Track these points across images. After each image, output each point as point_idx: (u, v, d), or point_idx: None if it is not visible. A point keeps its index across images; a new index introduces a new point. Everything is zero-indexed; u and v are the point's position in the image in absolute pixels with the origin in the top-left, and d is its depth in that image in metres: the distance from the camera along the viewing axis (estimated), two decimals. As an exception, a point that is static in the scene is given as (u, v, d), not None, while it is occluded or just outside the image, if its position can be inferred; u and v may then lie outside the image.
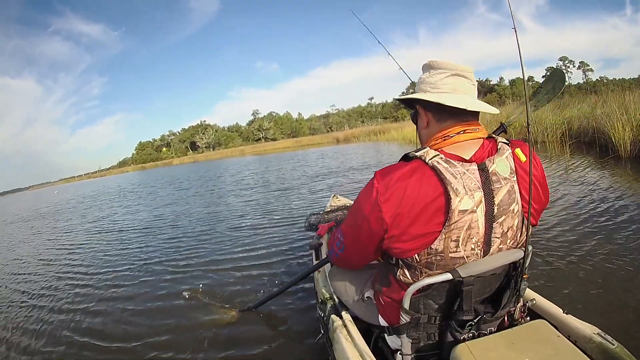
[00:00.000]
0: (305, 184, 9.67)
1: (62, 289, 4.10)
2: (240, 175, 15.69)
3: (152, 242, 5.59)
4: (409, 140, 20.06)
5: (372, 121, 60.49)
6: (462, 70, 1.18)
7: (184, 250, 4.87)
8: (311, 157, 20.59)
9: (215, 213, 7.28)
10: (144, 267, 4.37)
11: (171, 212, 8.25)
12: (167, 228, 6.54)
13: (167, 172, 31.96)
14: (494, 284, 1.25)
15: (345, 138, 38.03)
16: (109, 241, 6.28)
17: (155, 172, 40.14)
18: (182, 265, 4.23)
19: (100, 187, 27.79)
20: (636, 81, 37.49)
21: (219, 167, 27.02)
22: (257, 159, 29.92)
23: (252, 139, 74.86)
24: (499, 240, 1.14)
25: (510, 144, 1.18)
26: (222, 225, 6.06)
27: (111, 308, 3.36)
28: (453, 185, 1.06)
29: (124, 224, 7.77)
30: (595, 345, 1.25)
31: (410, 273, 1.19)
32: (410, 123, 28.39)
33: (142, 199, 13.00)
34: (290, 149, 42.69)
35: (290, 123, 76.62)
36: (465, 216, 1.07)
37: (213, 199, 9.64)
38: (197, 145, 77.53)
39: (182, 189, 13.82)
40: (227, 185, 12.35)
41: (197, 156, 67.43)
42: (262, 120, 77.36)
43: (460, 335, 1.23)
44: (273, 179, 11.76)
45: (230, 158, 44.58)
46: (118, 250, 5.45)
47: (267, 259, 4.00)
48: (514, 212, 1.13)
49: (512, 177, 1.12)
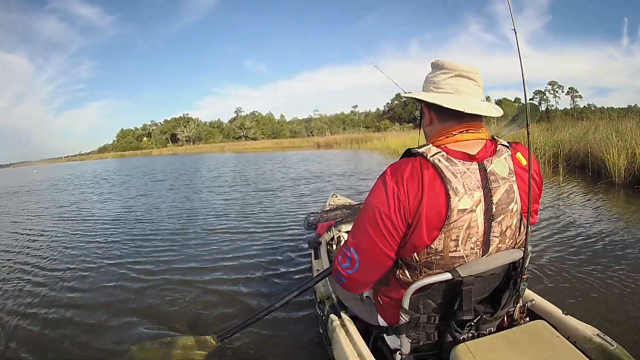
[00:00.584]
0: (289, 186, 9.31)
1: (11, 282, 3.73)
2: (219, 172, 15.46)
3: (116, 239, 5.10)
4: (393, 151, 20.18)
5: (354, 129, 61.00)
6: (466, 71, 1.19)
7: (150, 252, 4.39)
8: (292, 160, 20.41)
9: (190, 211, 6.85)
10: (104, 268, 3.90)
11: (141, 205, 7.89)
12: (135, 223, 6.08)
13: (145, 162, 31.37)
14: (494, 284, 1.27)
15: (326, 143, 37.93)
16: (72, 232, 5.82)
17: (134, 160, 39.51)
18: (146, 270, 3.76)
19: (77, 171, 27.07)
20: (624, 111, 38.61)
21: (198, 161, 26.70)
22: (237, 157, 29.79)
23: (232, 136, 75.42)
24: (497, 239, 1.16)
25: (511, 147, 1.21)
26: (195, 225, 5.58)
27: (59, 316, 2.90)
28: (453, 184, 1.07)
29: (91, 214, 7.37)
30: (595, 346, 1.26)
31: (410, 272, 1.20)
32: (392, 134, 28.53)
33: (114, 187, 12.66)
34: (270, 149, 42.79)
35: (272, 124, 77.76)
36: (465, 215, 1.09)
37: (189, 193, 9.35)
38: (178, 138, 77.70)
39: (157, 181, 13.50)
40: (204, 181, 12.00)
41: (176, 149, 67.74)
42: (245, 119, 78.09)
43: (459, 336, 1.23)
44: (253, 179, 11.53)
45: (209, 153, 44.19)
46: (79, 244, 4.97)
47: (247, 271, 3.57)
48: (513, 211, 1.15)
49: (511, 177, 1.14)
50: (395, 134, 30.81)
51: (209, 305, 2.85)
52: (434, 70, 1.24)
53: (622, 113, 19.01)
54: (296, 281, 3.16)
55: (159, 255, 4.17)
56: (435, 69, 1.23)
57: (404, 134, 27.65)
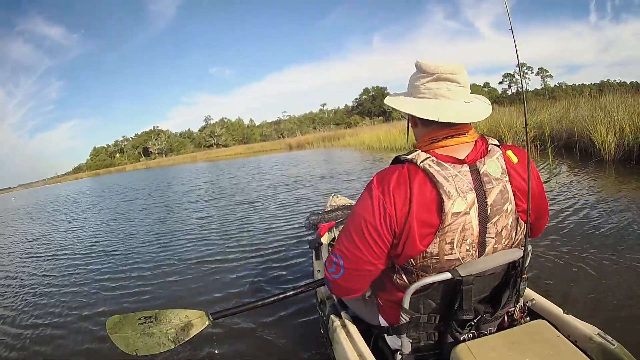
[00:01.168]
0: (270, 195, 8.76)
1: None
2: (192, 185, 14.96)
3: (87, 280, 4.42)
4: (368, 146, 20.06)
5: (325, 127, 60.73)
6: (445, 73, 1.15)
7: (121, 295, 3.76)
8: (266, 164, 20.14)
9: (165, 237, 6.10)
10: (75, 325, 3.24)
11: (113, 233, 7.23)
12: (106, 257, 5.38)
13: (118, 180, 30.69)
14: (494, 284, 1.27)
15: (298, 144, 38.09)
16: (40, 273, 5.16)
17: (107, 178, 38.92)
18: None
19: (52, 195, 26.34)
20: (597, 86, 39.45)
21: (171, 174, 26.33)
22: (210, 166, 29.53)
23: (204, 145, 75.48)
24: (493, 240, 1.16)
25: (502, 146, 1.21)
26: (172, 255, 4.89)
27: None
28: (445, 188, 1.08)
29: (61, 247, 6.71)
30: (595, 346, 1.26)
31: (407, 277, 1.21)
32: (364, 129, 28.36)
33: (85, 212, 12.11)
34: (242, 155, 42.84)
35: (242, 129, 78.14)
36: (459, 218, 1.09)
37: (162, 213, 8.73)
38: (150, 151, 77.20)
39: (129, 200, 12.99)
40: (177, 198, 11.39)
41: (149, 162, 67.73)
42: (214, 126, 78.05)
43: (460, 335, 1.23)
44: (229, 190, 10.96)
45: (182, 164, 43.95)
46: (47, 290, 4.27)
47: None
48: (507, 211, 1.15)
49: (504, 177, 1.15)
50: (367, 129, 30.97)
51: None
52: (416, 73, 1.22)
53: (595, 88, 19.31)
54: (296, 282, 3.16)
55: (129, 301, 3.56)
56: (417, 72, 1.21)
57: (376, 128, 27.73)
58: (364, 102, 70.35)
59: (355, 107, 72.71)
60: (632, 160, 6.50)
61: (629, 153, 6.65)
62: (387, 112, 58.72)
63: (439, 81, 1.17)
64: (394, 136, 17.59)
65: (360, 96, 72.38)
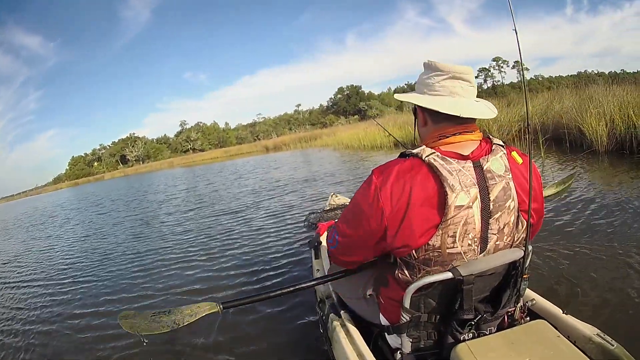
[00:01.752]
0: (255, 203, 8.08)
1: None
2: (169, 193, 14.30)
3: (42, 316, 3.82)
4: (347, 145, 19.72)
5: (300, 128, 60.41)
6: (460, 72, 1.23)
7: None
8: (245, 168, 19.69)
9: (141, 256, 5.45)
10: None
11: (86, 252, 6.55)
12: (78, 285, 4.67)
13: (96, 189, 29.95)
14: (495, 283, 1.30)
15: (275, 146, 38.65)
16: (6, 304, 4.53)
17: (86, 188, 38.00)
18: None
19: (30, 208, 25.39)
20: (574, 77, 40.17)
21: (148, 181, 25.70)
22: (187, 171, 28.98)
23: (180, 150, 74.97)
24: (495, 236, 1.20)
25: (507, 147, 1.25)
26: (150, 279, 4.33)
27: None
28: (449, 182, 1.11)
29: (32, 271, 6.00)
30: (595, 346, 1.29)
31: (408, 271, 1.24)
32: (341, 128, 28.08)
33: (60, 227, 11.16)
34: (219, 159, 42.50)
35: (217, 133, 78.25)
36: (462, 212, 1.13)
37: (139, 228, 7.99)
38: (127, 159, 76.44)
39: (105, 213, 12.26)
40: (154, 208, 10.71)
41: (127, 170, 67.13)
42: (190, 131, 77.81)
43: (460, 335, 1.26)
44: (209, 199, 10.32)
45: (159, 171, 43.49)
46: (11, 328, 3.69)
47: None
48: (510, 208, 1.19)
49: (507, 175, 1.18)
50: (344, 128, 31.12)
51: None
52: (427, 72, 1.28)
53: (573, 80, 19.56)
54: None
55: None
56: (429, 71, 1.27)
57: (354, 127, 27.72)
58: (339, 102, 70.47)
59: (330, 107, 72.79)
60: (625, 150, 6.51)
61: (621, 143, 6.65)
62: (363, 111, 58.98)
63: (454, 79, 1.23)
64: (373, 135, 17.31)
65: (335, 95, 72.50)
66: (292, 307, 2.84)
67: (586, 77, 36.45)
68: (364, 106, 62.09)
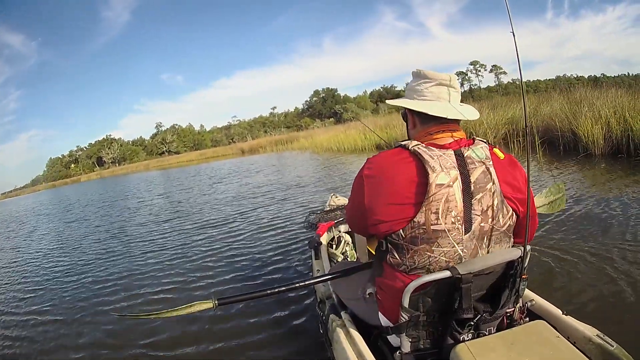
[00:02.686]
0: (237, 214, 7.02)
1: None
2: (143, 200, 12.88)
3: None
4: (327, 149, 19.58)
5: (275, 131, 59.75)
6: (445, 80, 1.36)
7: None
8: (221, 172, 18.79)
9: (110, 283, 4.39)
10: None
11: (51, 273, 5.41)
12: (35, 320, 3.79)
13: (70, 192, 28.66)
14: (493, 283, 1.33)
15: (250, 149, 38.36)
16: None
17: (61, 191, 36.29)
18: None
19: (4, 212, 23.88)
20: (553, 82, 40.80)
21: (122, 184, 24.83)
22: (162, 174, 28.43)
23: (156, 152, 74.16)
24: (479, 217, 1.27)
25: (489, 144, 1.35)
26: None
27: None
28: (430, 164, 1.23)
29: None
30: (595, 347, 1.30)
31: (398, 253, 1.32)
32: (318, 131, 27.58)
33: (27, 238, 9.78)
34: (195, 161, 41.88)
35: (192, 135, 78.20)
36: (442, 189, 1.22)
37: (110, 242, 6.72)
38: (104, 161, 75.42)
39: (73, 222, 10.94)
40: (127, 218, 9.36)
41: (103, 172, 65.61)
42: (166, 133, 77.11)
43: (459, 335, 1.29)
44: (186, 207, 9.19)
45: (135, 173, 42.33)
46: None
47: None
48: (491, 191, 1.27)
49: (488, 162, 1.28)
50: (320, 131, 30.78)
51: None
52: (416, 80, 1.41)
53: (551, 84, 19.82)
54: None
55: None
56: (417, 79, 1.41)
57: (332, 129, 27.25)
58: (315, 104, 70.61)
59: (306, 110, 72.81)
60: (623, 153, 6.51)
61: (617, 146, 6.65)
62: (338, 114, 59.06)
63: (441, 86, 1.36)
64: (354, 137, 17.03)
65: (311, 98, 72.77)
66: (292, 308, 2.87)
67: (565, 81, 37.31)
68: (339, 109, 62.52)
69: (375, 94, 70.32)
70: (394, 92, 66.49)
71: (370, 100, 69.11)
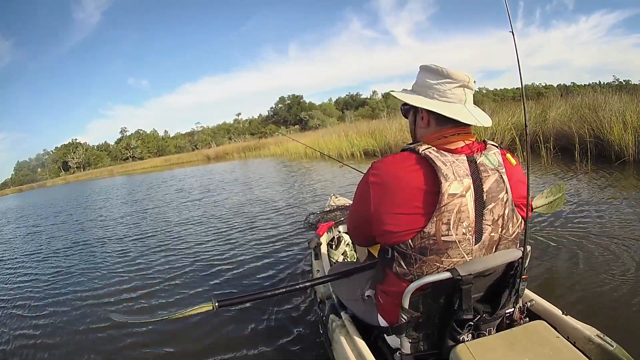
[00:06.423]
0: (217, 236, 5.60)
1: None
2: (108, 211, 11.61)
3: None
4: (303, 155, 18.68)
5: (240, 138, 58.56)
6: (470, 82, 1.32)
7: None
8: (188, 182, 16.47)
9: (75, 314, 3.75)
10: None
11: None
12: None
13: (34, 198, 26.62)
14: (494, 283, 1.35)
15: (216, 155, 38.52)
16: None
17: (26, 196, 34.40)
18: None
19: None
20: (519, 90, 41.65)
21: (86, 190, 23.52)
22: (127, 180, 27.42)
23: (120, 158, 72.09)
24: (490, 227, 1.26)
25: (501, 149, 1.36)
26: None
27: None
28: (443, 171, 1.19)
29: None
30: (594, 347, 1.32)
31: (405, 262, 1.29)
32: (287, 139, 26.18)
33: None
34: (160, 168, 41.03)
35: (156, 141, 76.43)
36: (455, 199, 1.19)
37: (73, 260, 5.70)
38: (69, 165, 72.22)
39: (35, 233, 9.61)
40: (92, 231, 8.15)
41: (68, 177, 63.27)
42: (130, 139, 74.54)
43: (459, 336, 1.31)
44: (152, 222, 7.86)
45: (99, 179, 41.40)
46: None
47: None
48: (503, 200, 1.26)
49: (501, 169, 1.27)
50: (288, 139, 29.04)
51: None
52: (437, 77, 1.33)
53: (517, 92, 19.87)
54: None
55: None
56: (439, 77, 1.33)
57: (306, 136, 25.92)
58: (280, 111, 69.60)
59: (271, 116, 71.62)
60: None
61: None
62: (304, 121, 58.21)
63: (465, 88, 1.31)
64: (334, 142, 16.31)
65: (276, 105, 71.61)
66: (292, 308, 2.91)
67: (533, 89, 38.51)
68: (305, 116, 61.61)
69: (341, 102, 70.18)
70: (360, 100, 66.13)
71: (335, 107, 68.87)
